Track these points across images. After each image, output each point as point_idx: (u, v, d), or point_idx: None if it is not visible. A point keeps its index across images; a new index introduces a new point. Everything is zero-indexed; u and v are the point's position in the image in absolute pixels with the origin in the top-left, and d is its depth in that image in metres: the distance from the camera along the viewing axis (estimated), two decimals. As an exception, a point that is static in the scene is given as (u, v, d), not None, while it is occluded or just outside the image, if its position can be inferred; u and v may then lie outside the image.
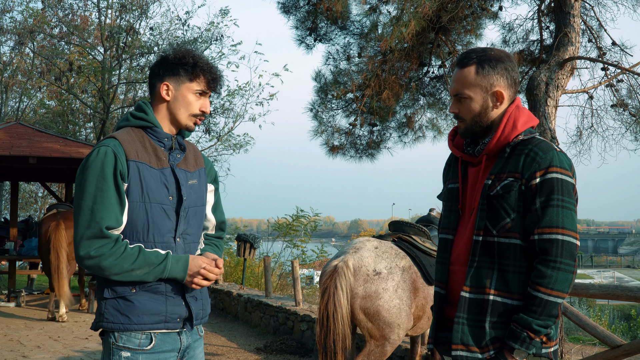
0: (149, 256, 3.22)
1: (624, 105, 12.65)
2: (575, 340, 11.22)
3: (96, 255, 3.15)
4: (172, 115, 3.46)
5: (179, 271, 3.27)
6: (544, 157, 3.11)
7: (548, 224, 3.06)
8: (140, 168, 3.28)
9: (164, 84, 3.44)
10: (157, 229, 3.30)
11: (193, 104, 3.45)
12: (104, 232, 3.15)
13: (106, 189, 3.19)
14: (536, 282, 3.05)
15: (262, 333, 12.38)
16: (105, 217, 3.16)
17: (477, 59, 3.27)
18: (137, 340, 3.27)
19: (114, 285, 3.26)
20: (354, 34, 14.07)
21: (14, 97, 30.81)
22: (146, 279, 3.22)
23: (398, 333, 6.58)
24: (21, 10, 26.51)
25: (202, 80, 3.44)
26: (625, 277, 65.39)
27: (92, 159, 3.24)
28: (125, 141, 3.31)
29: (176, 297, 3.34)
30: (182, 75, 3.42)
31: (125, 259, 3.17)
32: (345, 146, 14.56)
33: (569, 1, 10.63)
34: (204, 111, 3.48)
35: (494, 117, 3.29)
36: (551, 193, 3.07)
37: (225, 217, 3.83)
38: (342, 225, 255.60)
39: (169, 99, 3.45)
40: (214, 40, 25.30)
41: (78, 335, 11.37)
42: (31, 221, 18.58)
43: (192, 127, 3.50)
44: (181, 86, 3.43)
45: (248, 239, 15.24)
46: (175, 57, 3.44)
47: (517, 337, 3.05)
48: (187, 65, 3.41)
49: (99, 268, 3.18)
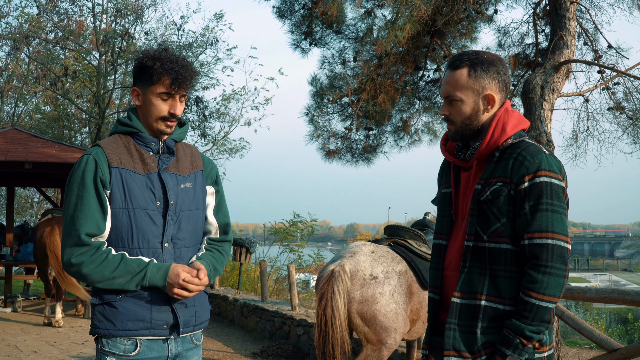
0: (130, 264, 3.21)
1: (621, 108, 12.64)
2: (572, 344, 11.21)
3: (77, 263, 3.17)
4: (145, 120, 3.43)
5: (159, 279, 3.24)
6: (532, 160, 3.09)
7: (538, 229, 3.04)
8: (123, 174, 3.27)
9: (134, 90, 3.44)
10: (142, 235, 3.28)
11: (159, 106, 3.37)
12: (82, 240, 3.16)
13: (86, 196, 3.20)
14: (527, 287, 3.03)
15: (259, 338, 12.37)
16: (84, 224, 3.17)
17: (470, 62, 3.25)
18: (123, 346, 3.27)
19: (101, 291, 3.27)
20: (349, 38, 14.06)
21: (10, 102, 30.81)
22: (128, 287, 3.22)
23: (395, 337, 6.57)
24: (16, 16, 26.53)
25: (164, 82, 3.33)
26: (622, 281, 65.54)
27: (75, 168, 3.27)
28: (109, 148, 3.31)
29: (162, 303, 3.31)
30: (145, 80, 3.37)
31: (105, 267, 3.17)
32: (341, 150, 14.55)
33: (564, 4, 10.63)
34: (173, 113, 3.38)
35: (484, 121, 3.28)
36: (540, 197, 3.05)
37: (229, 220, 3.75)
38: (339, 229, 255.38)
39: (140, 104, 3.42)
40: (209, 44, 25.33)
41: (74, 340, 11.34)
42: (27, 226, 18.53)
43: (165, 130, 3.41)
44: (147, 90, 3.38)
45: (244, 244, 15.23)
46: (138, 61, 3.40)
47: (510, 343, 3.03)
48: (146, 68, 3.35)
49: (81, 275, 3.19)
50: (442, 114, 3.34)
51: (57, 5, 26.24)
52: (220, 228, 3.67)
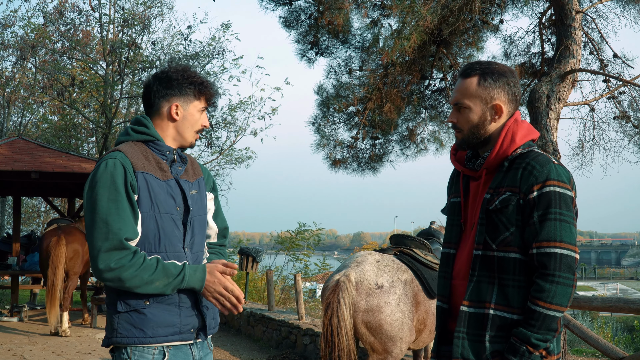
0: (168, 267, 3.19)
1: (626, 117, 12.65)
2: (579, 353, 11.20)
3: (116, 267, 3.09)
4: (179, 134, 3.49)
5: (196, 280, 3.25)
6: (542, 170, 3.10)
7: (546, 238, 3.05)
8: (147, 179, 3.27)
9: (174, 105, 3.45)
10: (168, 239, 3.29)
11: (200, 120, 3.51)
12: (123, 244, 3.11)
13: (120, 200, 3.15)
14: (535, 296, 3.03)
15: (265, 347, 12.36)
16: (123, 228, 3.12)
17: (481, 71, 3.27)
18: (150, 355, 3.23)
19: (127, 298, 3.21)
20: (355, 47, 14.10)
21: (17, 112, 30.93)
22: (165, 290, 3.19)
23: (400, 347, 6.57)
24: (23, 25, 26.60)
25: (207, 97, 3.51)
26: (629, 289, 65.24)
27: (101, 172, 3.20)
28: (130, 153, 3.30)
29: (190, 307, 3.33)
30: (189, 95, 3.46)
31: (144, 270, 3.13)
32: (347, 160, 14.57)
33: (570, 14, 10.65)
34: (205, 125, 3.55)
35: (491, 131, 3.29)
36: (549, 206, 3.06)
37: (227, 224, 3.83)
38: (345, 238, 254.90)
39: (178, 119, 3.47)
40: (216, 54, 25.40)
41: (81, 350, 11.35)
42: (34, 236, 18.58)
43: (194, 143, 3.56)
44: (189, 105, 3.47)
45: (250, 253, 15.24)
46: (182, 77, 3.46)
47: (516, 351, 3.04)
48: (194, 84, 3.45)
49: (119, 280, 3.11)
50: (450, 121, 3.36)
51: (63, 15, 26.32)
52: (219, 232, 3.76)
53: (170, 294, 3.23)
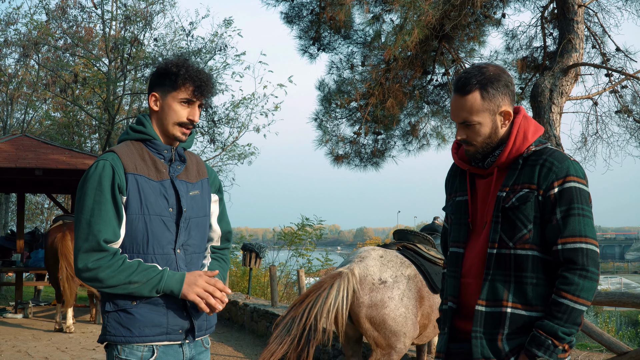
0: (146, 269, 3.23)
1: (629, 112, 12.63)
2: (582, 347, 11.18)
3: (94, 268, 3.16)
4: (161, 125, 3.46)
5: (174, 284, 3.26)
6: (560, 166, 3.10)
7: (571, 233, 3.05)
8: (138, 180, 3.29)
9: (152, 95, 3.46)
10: (157, 241, 3.31)
11: (179, 112, 3.42)
12: (101, 245, 3.17)
13: (104, 202, 3.20)
14: (562, 289, 3.03)
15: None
16: (102, 230, 3.18)
17: (479, 83, 3.20)
18: (140, 352, 3.28)
19: (115, 298, 3.27)
20: (357, 43, 14.11)
21: (20, 109, 30.88)
22: (142, 291, 3.22)
23: (404, 342, 6.57)
24: (25, 23, 26.57)
25: (187, 88, 3.40)
26: (633, 283, 65.17)
27: (91, 173, 3.27)
28: (124, 154, 3.33)
29: (177, 308, 3.34)
30: (166, 85, 3.42)
31: (122, 272, 3.18)
32: (349, 155, 14.58)
33: (572, 7, 10.64)
34: (192, 119, 3.44)
35: (502, 134, 3.26)
36: (571, 202, 3.07)
37: (231, 227, 3.83)
38: (348, 233, 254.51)
39: (157, 109, 3.46)
40: (218, 50, 25.36)
41: (85, 346, 11.38)
42: (38, 233, 18.62)
43: (180, 137, 3.46)
44: (167, 96, 3.42)
45: (254, 249, 15.24)
46: (160, 67, 3.45)
47: (541, 344, 3.02)
48: (170, 74, 3.40)
49: (97, 280, 3.19)
50: (460, 138, 3.30)
51: (66, 12, 26.32)
52: (222, 235, 3.76)
53: (148, 295, 3.25)
